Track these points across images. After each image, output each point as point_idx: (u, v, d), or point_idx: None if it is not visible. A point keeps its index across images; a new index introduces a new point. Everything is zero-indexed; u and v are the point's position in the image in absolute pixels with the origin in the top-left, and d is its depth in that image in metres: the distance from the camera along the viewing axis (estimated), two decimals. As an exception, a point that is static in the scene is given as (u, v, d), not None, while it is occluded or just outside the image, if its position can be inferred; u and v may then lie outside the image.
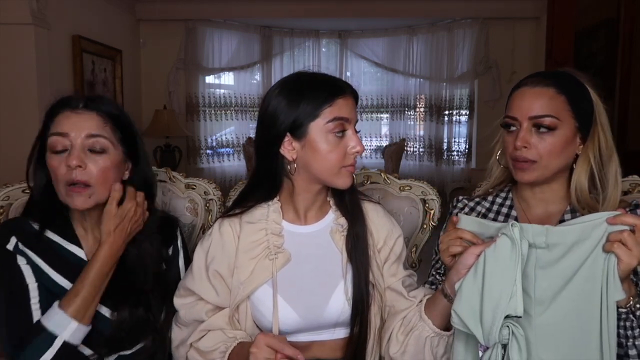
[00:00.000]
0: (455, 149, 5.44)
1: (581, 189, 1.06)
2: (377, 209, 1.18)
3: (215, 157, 5.43)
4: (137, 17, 4.89)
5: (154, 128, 4.59)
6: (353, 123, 1.06)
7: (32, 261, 1.06)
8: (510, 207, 1.16)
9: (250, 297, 1.08)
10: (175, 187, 1.47)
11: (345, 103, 1.04)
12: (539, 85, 1.06)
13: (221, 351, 1.03)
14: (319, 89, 1.03)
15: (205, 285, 1.09)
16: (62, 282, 1.07)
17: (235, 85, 5.51)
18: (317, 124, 1.02)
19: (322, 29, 5.58)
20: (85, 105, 1.06)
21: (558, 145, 1.04)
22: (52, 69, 3.36)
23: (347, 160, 1.05)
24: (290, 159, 1.05)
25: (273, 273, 1.06)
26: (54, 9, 3.36)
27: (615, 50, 3.48)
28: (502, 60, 4.98)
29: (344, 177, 1.06)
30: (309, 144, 1.03)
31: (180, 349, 1.11)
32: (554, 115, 1.04)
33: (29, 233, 1.08)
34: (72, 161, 1.00)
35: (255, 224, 1.10)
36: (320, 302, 1.07)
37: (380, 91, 5.75)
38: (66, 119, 1.04)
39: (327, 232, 1.12)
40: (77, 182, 1.02)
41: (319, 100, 1.02)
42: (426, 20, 5.25)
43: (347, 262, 1.09)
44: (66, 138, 1.02)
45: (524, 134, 1.05)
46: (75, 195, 1.03)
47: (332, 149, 1.03)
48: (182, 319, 1.11)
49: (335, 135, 1.03)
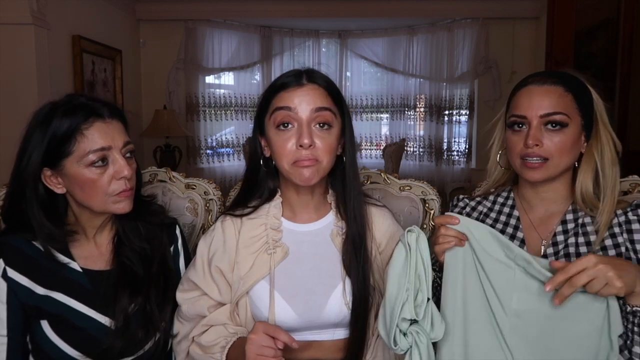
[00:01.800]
0: (455, 149, 5.44)
1: (586, 187, 1.06)
2: (382, 213, 1.18)
3: (215, 157, 5.42)
4: (137, 17, 4.89)
5: (154, 128, 4.59)
6: (304, 113, 1.04)
7: (19, 285, 1.05)
8: (512, 207, 1.16)
9: (249, 294, 1.08)
10: (175, 187, 1.47)
11: (289, 95, 1.05)
12: (546, 83, 1.06)
13: (221, 346, 1.04)
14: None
15: (209, 282, 1.10)
16: (61, 298, 1.06)
17: (235, 85, 5.50)
18: (267, 118, 1.07)
19: (322, 29, 5.57)
20: (111, 115, 1.08)
21: (568, 143, 1.05)
22: (52, 69, 3.35)
23: (293, 156, 1.05)
24: (266, 155, 1.11)
25: (271, 267, 1.07)
26: (54, 9, 3.35)
27: (615, 50, 3.47)
28: (502, 60, 4.97)
29: (296, 174, 1.05)
30: (268, 140, 1.08)
31: (182, 344, 1.11)
32: (564, 112, 1.04)
33: (19, 252, 1.06)
34: (124, 171, 1.05)
35: (255, 220, 1.12)
36: (319, 301, 1.07)
37: (380, 91, 5.74)
38: (99, 131, 1.05)
39: (327, 233, 1.13)
40: (126, 190, 1.07)
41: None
42: (426, 20, 5.24)
43: (344, 266, 1.09)
44: (108, 151, 1.05)
45: (534, 131, 1.04)
46: (125, 199, 1.07)
47: (280, 142, 1.05)
48: (184, 314, 1.12)
49: (278, 128, 1.05)
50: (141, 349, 1.10)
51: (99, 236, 1.15)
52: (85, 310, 1.07)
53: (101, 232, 1.15)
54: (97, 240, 1.14)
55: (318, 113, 1.03)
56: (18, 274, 1.05)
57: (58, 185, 1.06)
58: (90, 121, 1.03)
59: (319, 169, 1.04)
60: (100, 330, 1.06)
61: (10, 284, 1.04)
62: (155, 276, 1.14)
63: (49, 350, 1.05)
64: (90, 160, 1.03)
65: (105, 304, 1.07)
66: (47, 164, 1.04)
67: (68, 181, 1.05)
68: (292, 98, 1.03)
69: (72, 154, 1.03)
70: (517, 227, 1.13)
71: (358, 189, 1.12)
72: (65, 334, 1.05)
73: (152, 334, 1.10)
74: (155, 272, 1.14)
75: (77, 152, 1.02)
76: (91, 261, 1.12)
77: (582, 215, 1.08)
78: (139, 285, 1.11)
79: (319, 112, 1.03)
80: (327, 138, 1.04)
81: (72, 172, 1.04)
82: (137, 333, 1.08)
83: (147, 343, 1.10)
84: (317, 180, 1.05)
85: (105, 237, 1.15)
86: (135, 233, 1.15)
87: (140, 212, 1.17)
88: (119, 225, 1.16)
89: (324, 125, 1.04)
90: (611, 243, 1.03)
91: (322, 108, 1.03)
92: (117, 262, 1.13)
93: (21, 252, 1.07)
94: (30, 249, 1.07)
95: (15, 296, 1.04)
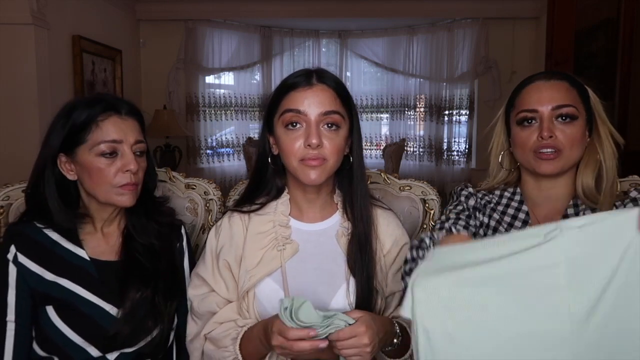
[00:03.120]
0: (455, 149, 5.44)
1: (587, 180, 1.08)
2: (387, 215, 1.18)
3: (215, 157, 5.42)
4: (137, 17, 4.89)
5: (154, 128, 4.59)
6: (313, 115, 1.04)
7: (29, 270, 1.09)
8: (521, 202, 1.16)
9: (256, 292, 1.08)
10: (175, 187, 1.47)
11: (300, 96, 1.05)
12: (552, 78, 1.10)
13: (232, 338, 1.05)
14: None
15: (217, 278, 1.11)
16: (68, 285, 1.09)
17: (235, 85, 5.50)
18: (276, 117, 1.08)
19: (322, 29, 5.57)
20: (128, 113, 1.13)
21: (578, 135, 1.07)
22: (52, 69, 3.36)
23: (300, 154, 1.05)
24: (274, 153, 1.12)
25: (282, 263, 1.08)
26: (54, 9, 3.35)
27: (615, 50, 3.47)
28: (502, 60, 4.97)
29: (303, 172, 1.05)
30: (276, 138, 1.09)
31: (195, 342, 1.12)
32: (574, 105, 1.07)
33: (31, 239, 1.11)
34: (130, 165, 1.10)
35: (263, 216, 1.13)
36: (322, 302, 1.07)
37: (380, 91, 5.74)
38: (114, 125, 1.10)
39: (333, 233, 1.13)
40: (130, 184, 1.11)
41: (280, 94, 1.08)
42: (426, 20, 5.24)
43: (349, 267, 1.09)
44: (119, 144, 1.10)
45: (548, 124, 1.06)
46: (128, 193, 1.11)
47: (289, 141, 1.05)
48: (195, 311, 1.13)
49: (287, 127, 1.05)
50: (144, 340, 1.11)
51: (107, 229, 1.18)
52: (91, 298, 1.09)
53: (109, 225, 1.18)
54: (106, 232, 1.18)
55: (327, 116, 1.04)
56: (29, 260, 1.10)
57: (70, 172, 1.13)
58: (107, 114, 1.10)
59: (326, 169, 1.05)
60: (105, 318, 1.08)
61: (20, 270, 1.09)
62: (163, 271, 1.16)
63: (53, 336, 1.07)
64: (100, 150, 1.08)
65: (112, 293, 1.10)
66: (63, 149, 1.11)
67: (79, 168, 1.11)
68: (301, 99, 1.04)
69: (85, 142, 1.09)
70: (526, 221, 1.13)
71: (365, 190, 1.13)
72: (71, 320, 1.07)
73: (158, 324, 1.13)
74: (163, 268, 1.17)
75: (91, 141, 1.09)
76: (99, 251, 1.15)
77: (583, 208, 1.09)
78: (147, 277, 1.13)
79: (327, 115, 1.04)
80: (334, 138, 1.05)
81: (83, 159, 1.10)
82: (144, 321, 1.11)
83: (152, 332, 1.12)
84: (324, 180, 1.07)
85: (113, 230, 1.19)
86: (145, 230, 1.19)
87: (151, 211, 1.21)
88: (129, 221, 1.19)
89: (332, 126, 1.05)
90: None
91: (330, 112, 1.05)
92: (125, 254, 1.16)
93: (33, 240, 1.11)
94: (42, 236, 1.12)
95: (25, 282, 1.08)
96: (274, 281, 1.08)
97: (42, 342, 1.09)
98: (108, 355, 1.09)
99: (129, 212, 1.18)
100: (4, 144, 3.03)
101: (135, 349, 1.11)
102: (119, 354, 1.10)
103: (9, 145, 3.01)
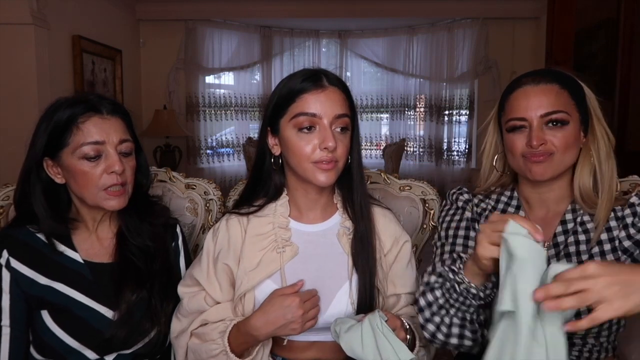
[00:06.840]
0: (455, 149, 5.44)
1: (584, 183, 1.06)
2: (386, 214, 1.18)
3: (215, 157, 5.42)
4: (137, 17, 4.89)
5: (154, 128, 4.59)
6: (327, 118, 1.03)
7: (22, 275, 1.08)
8: (518, 208, 1.14)
9: (256, 294, 1.08)
10: (175, 187, 1.47)
11: (314, 99, 1.03)
12: (541, 82, 1.05)
13: (220, 331, 1.05)
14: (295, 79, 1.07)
15: (212, 280, 1.11)
16: (62, 289, 1.08)
17: (235, 85, 5.50)
18: (285, 120, 1.06)
19: (322, 29, 5.57)
20: (110, 112, 1.10)
21: (571, 139, 1.04)
22: (52, 69, 3.36)
23: (315, 156, 1.03)
24: (275, 154, 1.11)
25: (281, 265, 1.07)
26: (54, 9, 3.35)
27: (615, 50, 3.47)
28: (502, 60, 4.98)
29: (315, 174, 1.04)
30: (283, 140, 1.07)
31: (181, 339, 1.11)
32: (564, 110, 1.03)
33: (23, 244, 1.10)
34: (115, 166, 1.07)
35: (262, 218, 1.13)
36: (323, 302, 1.07)
37: (380, 91, 5.74)
38: (95, 125, 1.08)
39: (334, 234, 1.13)
40: (117, 184, 1.08)
41: (291, 95, 1.05)
42: (426, 20, 5.25)
43: (353, 265, 1.09)
44: (102, 145, 1.07)
45: (537, 132, 1.03)
46: (115, 198, 1.09)
47: (302, 144, 1.04)
48: (183, 309, 1.12)
49: (301, 131, 1.03)
50: (141, 341, 1.11)
51: (101, 230, 1.17)
52: (85, 301, 1.08)
53: (102, 226, 1.17)
54: (99, 234, 1.16)
55: (339, 119, 1.05)
56: (21, 265, 1.08)
57: (58, 176, 1.10)
58: (87, 115, 1.07)
59: (337, 171, 1.06)
60: (101, 321, 1.07)
61: (14, 274, 1.07)
62: (159, 272, 1.15)
63: (49, 341, 1.06)
64: (83, 153, 1.06)
65: (107, 295, 1.09)
66: (48, 153, 1.08)
67: (65, 172, 1.09)
68: (315, 103, 1.03)
69: (68, 145, 1.06)
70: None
71: (364, 189, 1.13)
72: (66, 324, 1.06)
73: (155, 326, 1.12)
74: (158, 269, 1.15)
75: (73, 144, 1.06)
76: (93, 254, 1.14)
77: (582, 213, 1.08)
78: (142, 278, 1.12)
79: (340, 118, 1.05)
80: (344, 140, 1.06)
81: (67, 163, 1.07)
82: (141, 323, 1.10)
83: (149, 333, 1.11)
84: (334, 181, 1.07)
85: (107, 232, 1.17)
86: (138, 232, 1.17)
87: (145, 211, 1.19)
88: (123, 222, 1.17)
89: (344, 129, 1.06)
90: (606, 237, 1.04)
91: (342, 115, 1.05)
92: (119, 256, 1.14)
93: (25, 244, 1.09)
94: (34, 240, 1.10)
95: (18, 286, 1.07)
96: (274, 283, 1.08)
97: (39, 347, 1.08)
98: (105, 358, 1.08)
99: (121, 212, 1.16)
100: (3, 144, 3.03)
101: (133, 350, 1.11)
102: (116, 355, 1.10)
103: (9, 145, 3.01)
